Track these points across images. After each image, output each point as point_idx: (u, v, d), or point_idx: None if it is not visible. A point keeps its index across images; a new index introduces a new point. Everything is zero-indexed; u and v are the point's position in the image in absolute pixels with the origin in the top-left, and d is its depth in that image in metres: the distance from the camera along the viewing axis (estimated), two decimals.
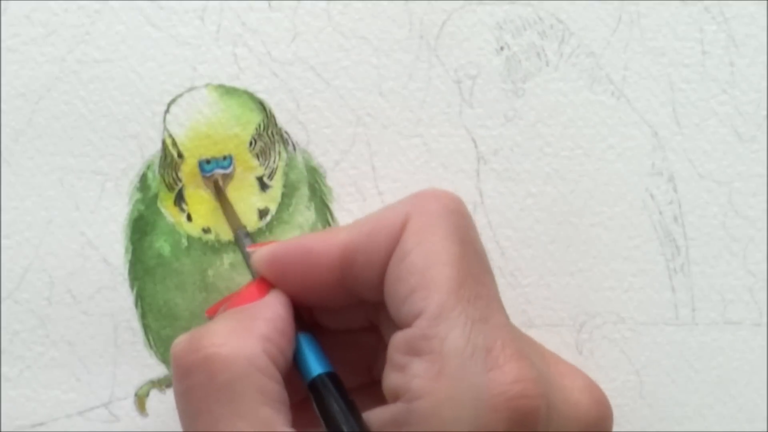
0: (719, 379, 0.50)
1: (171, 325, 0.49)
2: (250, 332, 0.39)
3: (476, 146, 0.50)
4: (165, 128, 0.48)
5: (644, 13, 0.50)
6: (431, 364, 0.37)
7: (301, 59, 0.49)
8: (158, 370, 0.49)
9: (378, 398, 0.39)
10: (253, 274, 0.43)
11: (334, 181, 0.49)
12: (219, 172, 0.48)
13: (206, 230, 0.48)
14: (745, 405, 0.50)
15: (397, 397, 0.38)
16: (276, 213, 0.49)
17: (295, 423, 0.39)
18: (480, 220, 0.49)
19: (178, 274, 0.48)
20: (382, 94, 0.49)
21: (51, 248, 0.48)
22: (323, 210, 0.49)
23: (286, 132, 0.49)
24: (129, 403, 0.49)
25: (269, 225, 0.48)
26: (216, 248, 0.48)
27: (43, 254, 0.48)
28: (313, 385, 0.40)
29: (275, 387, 0.38)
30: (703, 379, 0.50)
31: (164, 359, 0.49)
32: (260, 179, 0.48)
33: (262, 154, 0.48)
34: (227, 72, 0.49)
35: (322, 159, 0.49)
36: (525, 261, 0.49)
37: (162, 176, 0.48)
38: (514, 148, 0.50)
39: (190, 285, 0.48)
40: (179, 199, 0.48)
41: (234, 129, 0.48)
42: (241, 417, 0.37)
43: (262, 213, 0.48)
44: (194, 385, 0.38)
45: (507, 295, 0.49)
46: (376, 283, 0.40)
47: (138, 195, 0.49)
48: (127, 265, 0.49)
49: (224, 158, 0.48)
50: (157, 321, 0.49)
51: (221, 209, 0.48)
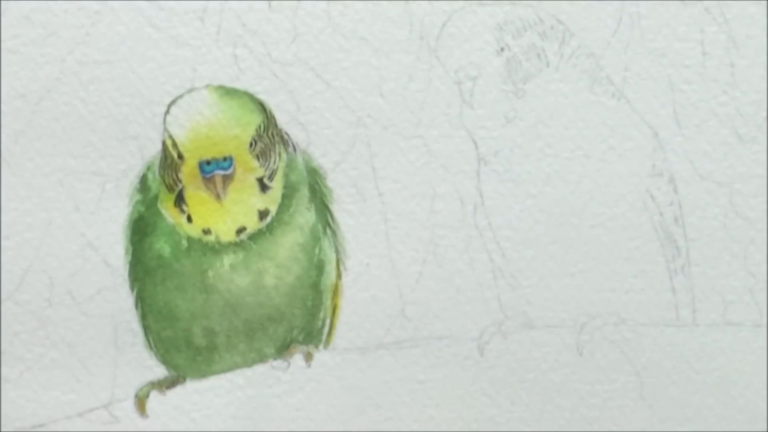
0: (720, 380, 0.50)
1: (171, 326, 0.49)
2: None
3: (477, 147, 0.50)
4: (165, 129, 0.48)
5: (645, 14, 0.50)
6: None
7: (302, 60, 0.49)
8: (158, 372, 0.49)
9: None
10: None
11: (335, 182, 0.49)
12: (219, 173, 0.48)
13: (206, 231, 0.48)
14: (746, 406, 0.50)
15: None
16: (276, 214, 0.49)
17: None
18: (480, 222, 0.49)
19: (179, 276, 0.48)
20: (383, 95, 0.49)
21: (51, 249, 0.48)
22: (323, 211, 0.49)
23: (287, 133, 0.49)
24: (129, 405, 0.49)
25: (269, 226, 0.48)
26: (216, 249, 0.48)
27: (43, 255, 0.48)
28: None
29: None
30: (704, 380, 0.50)
31: (164, 360, 0.49)
32: (260, 180, 0.48)
33: (263, 155, 0.48)
34: (227, 73, 0.49)
35: (323, 160, 0.49)
36: (525, 262, 0.49)
37: (162, 177, 0.48)
38: (515, 149, 0.50)
39: (191, 286, 0.48)
40: (179, 200, 0.48)
41: (234, 130, 0.48)
42: None
43: (263, 214, 0.48)
44: None
45: (507, 296, 0.50)
46: None
47: (138, 196, 0.49)
48: (128, 267, 0.49)
49: (224, 159, 0.48)
50: (158, 322, 0.49)
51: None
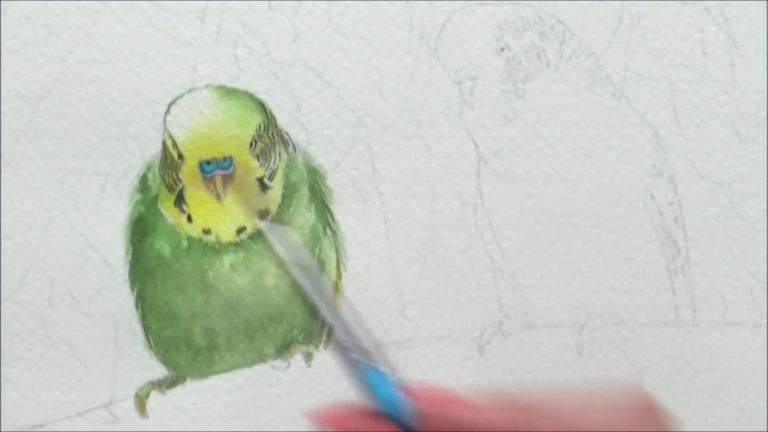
0: (720, 380, 0.50)
1: (171, 326, 0.49)
2: None
3: (477, 147, 0.50)
4: (165, 129, 0.48)
5: (645, 14, 0.50)
6: None
7: (302, 60, 0.49)
8: (158, 372, 0.49)
9: None
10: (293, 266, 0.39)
11: (335, 182, 0.49)
12: (219, 173, 0.48)
13: (206, 231, 0.48)
14: (746, 406, 0.50)
15: None
16: (276, 214, 0.49)
17: None
18: (480, 221, 0.49)
19: (179, 275, 0.48)
20: (383, 95, 0.49)
21: (51, 249, 0.48)
22: (324, 211, 0.49)
23: (287, 133, 0.49)
24: (129, 404, 0.49)
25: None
26: (216, 249, 0.48)
27: (44, 255, 0.48)
28: None
29: None
30: (704, 380, 0.50)
31: (164, 360, 0.49)
32: (260, 180, 0.48)
33: (263, 155, 0.48)
34: (227, 73, 0.49)
35: (323, 160, 0.49)
36: (526, 262, 0.49)
37: (162, 177, 0.48)
38: (515, 149, 0.50)
39: (191, 286, 0.48)
40: (179, 200, 0.48)
41: (234, 130, 0.48)
42: None
43: (263, 214, 0.48)
44: None
45: (507, 296, 0.50)
46: None
47: (138, 196, 0.49)
48: (128, 266, 0.49)
49: (224, 159, 0.48)
50: (158, 322, 0.49)
51: (240, 203, 0.47)
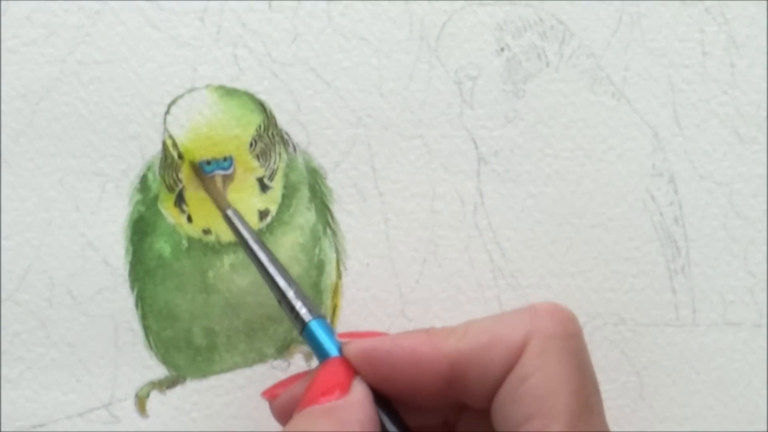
0: (720, 380, 0.50)
1: (171, 327, 0.49)
2: None
3: (477, 147, 0.50)
4: (165, 129, 0.48)
5: (645, 14, 0.50)
6: None
7: (302, 60, 0.49)
8: (159, 372, 0.49)
9: None
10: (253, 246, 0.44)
11: (335, 182, 0.49)
12: (219, 173, 0.48)
13: (207, 231, 0.48)
14: (746, 406, 0.50)
15: None
16: (276, 214, 0.49)
17: None
18: (480, 221, 0.49)
19: (179, 276, 0.48)
20: (383, 95, 0.49)
21: (51, 249, 0.48)
22: (324, 211, 0.49)
23: (287, 133, 0.49)
24: (129, 405, 0.49)
25: (269, 226, 0.48)
26: (216, 249, 0.48)
27: (44, 255, 0.48)
28: None
29: None
30: (704, 380, 0.50)
31: (164, 360, 0.49)
32: (260, 180, 0.48)
33: (263, 155, 0.48)
34: (227, 73, 0.49)
35: (323, 160, 0.49)
36: (526, 262, 0.49)
37: (162, 177, 0.48)
38: (515, 149, 0.50)
39: (191, 286, 0.48)
40: (180, 200, 0.48)
41: (234, 130, 0.48)
42: None
43: (263, 214, 0.48)
44: None
45: (507, 296, 0.50)
46: (485, 397, 0.39)
47: (138, 196, 0.49)
48: (128, 267, 0.49)
49: (224, 159, 0.48)
50: (158, 322, 0.49)
51: (205, 191, 0.48)
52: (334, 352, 0.41)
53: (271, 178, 0.48)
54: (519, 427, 0.38)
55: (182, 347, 0.49)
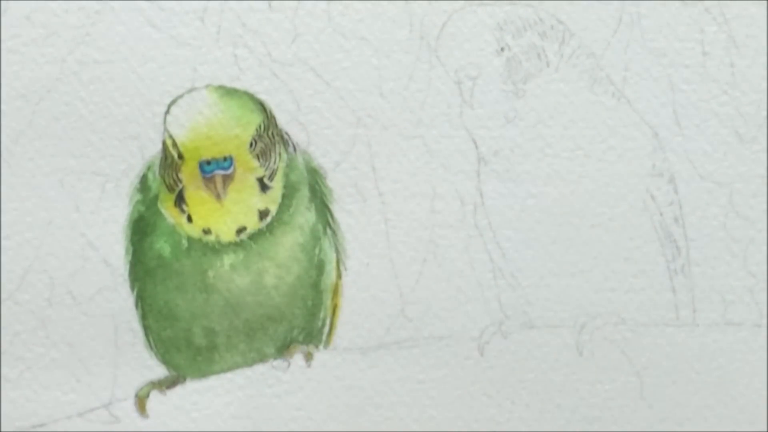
0: (720, 380, 0.50)
1: (171, 326, 0.49)
2: None
3: (477, 147, 0.50)
4: (165, 129, 0.48)
5: (645, 14, 0.50)
6: None
7: (302, 60, 0.49)
8: (159, 371, 0.49)
9: None
10: None
11: (335, 182, 0.49)
12: (219, 173, 0.48)
13: (207, 231, 0.48)
14: (746, 406, 0.50)
15: None
16: (276, 214, 0.49)
17: None
18: (480, 221, 0.49)
19: (179, 275, 0.48)
20: (383, 95, 0.49)
21: (51, 249, 0.48)
22: (324, 211, 0.49)
23: (287, 133, 0.49)
24: (129, 404, 0.49)
25: (270, 226, 0.48)
26: (216, 249, 0.48)
27: (44, 255, 0.48)
28: None
29: None
30: (704, 380, 0.50)
31: (164, 360, 0.49)
32: (260, 180, 0.48)
33: (263, 155, 0.48)
34: (227, 73, 0.49)
35: (323, 160, 0.49)
36: (526, 262, 0.49)
37: (162, 177, 0.48)
38: (515, 149, 0.50)
39: (191, 286, 0.48)
40: (180, 200, 0.48)
41: (234, 130, 0.48)
42: None
43: (263, 214, 0.48)
44: None
45: (507, 296, 0.50)
46: None
47: (138, 196, 0.49)
48: (128, 266, 0.49)
49: (224, 159, 0.48)
50: (158, 322, 0.49)
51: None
52: None
53: (271, 178, 0.48)
54: None
55: (182, 347, 0.49)
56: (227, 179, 0.48)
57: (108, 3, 0.49)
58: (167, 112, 0.48)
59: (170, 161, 0.48)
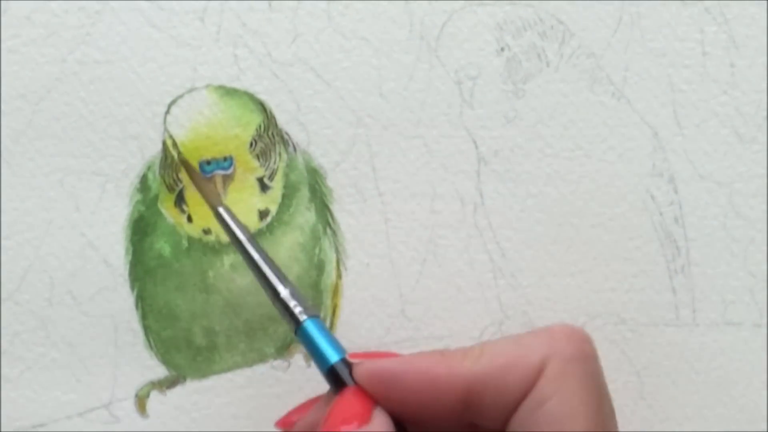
0: (720, 380, 0.50)
1: (171, 326, 0.49)
2: None
3: (477, 147, 0.50)
4: (165, 129, 0.48)
5: (645, 14, 0.50)
6: None
7: (302, 60, 0.49)
8: (159, 372, 0.49)
9: None
10: (240, 238, 0.43)
11: (335, 182, 0.49)
12: (219, 173, 0.48)
13: (207, 231, 0.48)
14: (746, 406, 0.50)
15: None
16: (276, 214, 0.49)
17: None
18: (480, 221, 0.49)
19: (179, 275, 0.48)
20: (383, 95, 0.49)
21: (51, 249, 0.48)
22: (324, 211, 0.49)
23: (287, 133, 0.49)
24: (129, 404, 0.49)
25: (269, 226, 0.48)
26: (216, 249, 0.48)
27: (44, 255, 0.48)
28: None
29: None
30: (704, 380, 0.50)
31: (164, 360, 0.49)
32: (261, 180, 0.48)
33: (263, 155, 0.48)
34: (228, 73, 0.49)
35: (323, 160, 0.49)
36: (526, 262, 0.49)
37: (162, 177, 0.48)
38: (515, 149, 0.50)
39: (191, 286, 0.48)
40: (180, 200, 0.48)
41: (234, 130, 0.48)
42: None
43: (263, 214, 0.48)
44: None
45: (507, 296, 0.50)
46: (500, 419, 0.39)
47: (138, 196, 0.49)
48: (128, 266, 0.49)
49: (225, 159, 0.48)
50: (158, 322, 0.49)
51: (196, 188, 0.47)
52: (331, 353, 0.41)
53: (271, 178, 0.48)
54: None
55: (182, 347, 0.49)
56: (227, 179, 0.48)
57: (108, 3, 0.49)
58: (167, 112, 0.48)
59: (170, 161, 0.48)
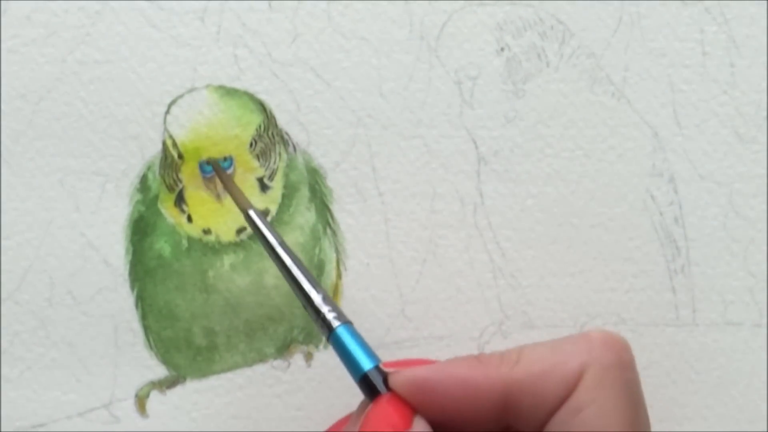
0: (720, 380, 0.50)
1: (171, 326, 0.49)
2: None
3: (477, 147, 0.50)
4: (165, 129, 0.48)
5: (645, 14, 0.50)
6: None
7: (302, 60, 0.49)
8: (158, 371, 0.49)
9: None
10: (272, 246, 0.43)
11: (335, 182, 0.49)
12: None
13: (207, 231, 0.48)
14: (746, 406, 0.50)
15: None
16: (276, 214, 0.49)
17: None
18: (480, 221, 0.49)
19: (179, 275, 0.48)
20: (383, 95, 0.49)
21: (51, 249, 0.48)
22: (324, 211, 0.49)
23: (287, 133, 0.49)
24: (129, 404, 0.49)
25: None
26: (216, 249, 0.48)
27: (44, 255, 0.48)
28: None
29: None
30: (704, 380, 0.50)
31: (164, 360, 0.49)
32: (260, 180, 0.48)
33: (263, 155, 0.48)
34: (228, 73, 0.49)
35: (323, 160, 0.49)
36: (526, 262, 0.49)
37: (162, 177, 0.48)
38: (515, 149, 0.50)
39: (191, 286, 0.48)
40: (180, 200, 0.48)
41: (234, 130, 0.48)
42: None
43: (263, 214, 0.48)
44: None
45: (507, 296, 0.50)
46: (537, 425, 0.39)
47: (138, 196, 0.49)
48: (128, 266, 0.49)
49: (224, 159, 0.48)
50: (158, 322, 0.49)
51: (227, 191, 0.47)
52: (365, 361, 0.40)
53: (271, 178, 0.48)
54: None
55: (182, 347, 0.49)
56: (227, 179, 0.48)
57: (108, 3, 0.49)
58: (167, 112, 0.48)
59: (170, 161, 0.48)
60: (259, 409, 0.49)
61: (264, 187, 0.48)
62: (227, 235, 0.48)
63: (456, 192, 0.49)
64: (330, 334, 0.41)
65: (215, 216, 0.48)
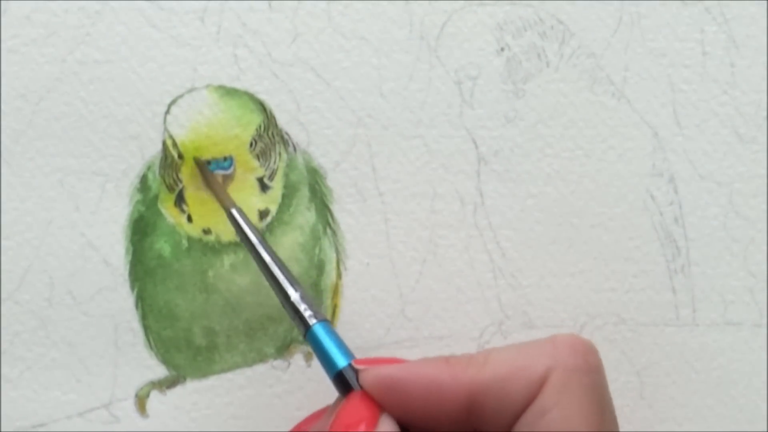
0: (720, 380, 0.50)
1: (171, 326, 0.49)
2: None
3: (477, 147, 0.50)
4: (165, 129, 0.48)
5: (645, 14, 0.50)
6: None
7: (302, 60, 0.49)
8: (158, 371, 0.49)
9: None
10: (245, 231, 0.44)
11: (335, 182, 0.49)
12: (219, 173, 0.48)
13: (207, 231, 0.48)
14: (746, 406, 0.50)
15: None
16: (276, 214, 0.49)
17: None
18: (480, 221, 0.49)
19: (179, 275, 0.48)
20: (383, 95, 0.49)
21: (51, 249, 0.48)
22: (324, 211, 0.49)
23: (287, 133, 0.49)
24: (129, 404, 0.49)
25: (269, 226, 0.48)
26: (216, 249, 0.48)
27: (44, 255, 0.48)
28: None
29: None
30: (704, 380, 0.50)
31: (164, 360, 0.49)
32: (260, 180, 0.48)
33: (263, 155, 0.48)
34: (228, 73, 0.49)
35: (323, 160, 0.49)
36: (526, 262, 0.49)
37: (162, 177, 0.48)
38: (515, 149, 0.50)
39: (191, 286, 0.48)
40: (180, 200, 0.48)
41: (234, 130, 0.48)
42: None
43: (263, 214, 0.48)
44: None
45: (507, 296, 0.50)
46: (504, 427, 0.39)
47: (138, 196, 0.49)
48: (128, 266, 0.49)
49: (225, 159, 0.48)
50: (158, 322, 0.49)
51: (209, 189, 0.47)
52: (339, 358, 0.41)
53: (271, 178, 0.48)
54: None
55: (182, 347, 0.49)
56: (227, 179, 0.48)
57: (108, 3, 0.49)
58: (167, 112, 0.48)
59: (170, 161, 0.48)
60: (259, 409, 0.49)
61: (264, 187, 0.48)
62: (227, 235, 0.48)
63: (456, 192, 0.49)
64: (306, 332, 0.42)
65: (215, 216, 0.48)
